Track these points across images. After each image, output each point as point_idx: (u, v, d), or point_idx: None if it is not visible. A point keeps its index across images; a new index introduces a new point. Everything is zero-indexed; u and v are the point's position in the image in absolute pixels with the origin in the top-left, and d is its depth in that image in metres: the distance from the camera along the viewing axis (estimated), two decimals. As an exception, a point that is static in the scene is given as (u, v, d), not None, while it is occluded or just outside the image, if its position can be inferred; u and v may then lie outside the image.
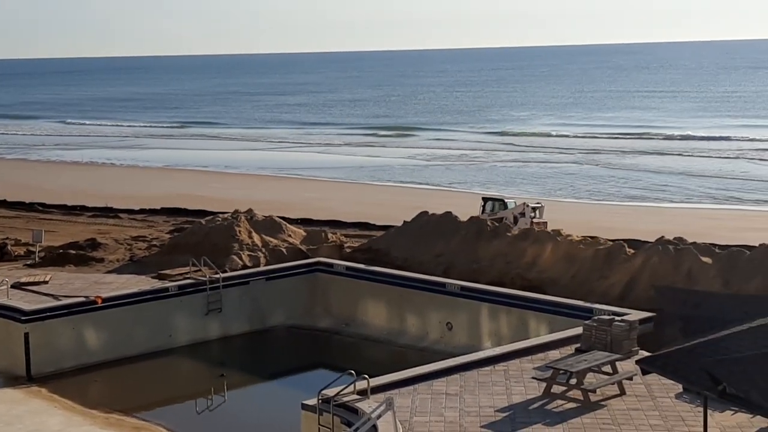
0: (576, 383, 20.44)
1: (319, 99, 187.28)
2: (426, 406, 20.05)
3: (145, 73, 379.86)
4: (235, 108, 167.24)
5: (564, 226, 36.01)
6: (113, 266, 35.56)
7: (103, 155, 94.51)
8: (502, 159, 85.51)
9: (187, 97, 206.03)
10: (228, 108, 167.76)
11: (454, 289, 30.46)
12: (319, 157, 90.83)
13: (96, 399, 26.78)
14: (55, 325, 28.89)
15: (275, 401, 27.98)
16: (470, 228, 35.15)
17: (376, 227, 45.93)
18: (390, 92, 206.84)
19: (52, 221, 50.23)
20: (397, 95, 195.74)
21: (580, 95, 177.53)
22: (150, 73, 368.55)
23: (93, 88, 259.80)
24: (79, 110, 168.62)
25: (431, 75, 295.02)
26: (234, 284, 32.58)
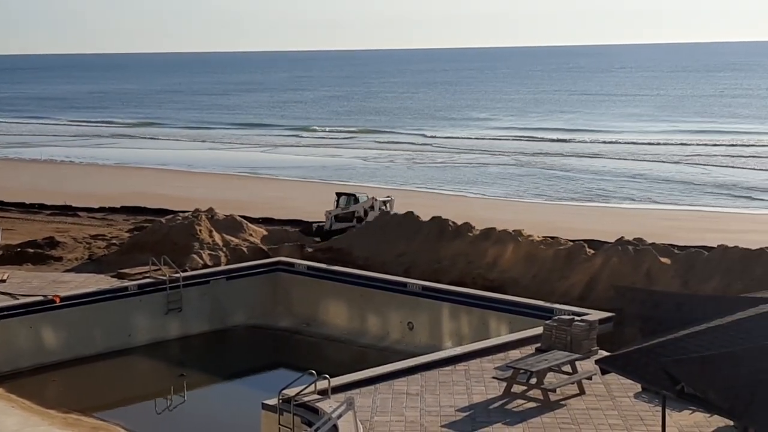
0: (536, 383, 20.53)
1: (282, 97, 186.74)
2: (387, 405, 20.05)
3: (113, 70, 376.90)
4: (198, 106, 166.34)
5: (525, 226, 36.17)
6: (72, 265, 35.25)
7: (62, 153, 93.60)
8: (464, 159, 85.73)
9: (150, 95, 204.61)
10: (191, 106, 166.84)
11: (415, 288, 30.50)
12: (281, 156, 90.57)
13: (54, 399, 26.52)
14: (12, 324, 28.59)
15: (235, 401, 27.83)
16: (432, 228, 35.23)
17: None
18: (352, 91, 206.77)
19: (9, 219, 49.63)
20: (359, 94, 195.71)
21: (541, 96, 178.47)
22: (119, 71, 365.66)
23: (54, 85, 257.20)
24: (38, 107, 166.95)
25: (392, 75, 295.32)
26: (194, 283, 32.39)
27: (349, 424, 17.99)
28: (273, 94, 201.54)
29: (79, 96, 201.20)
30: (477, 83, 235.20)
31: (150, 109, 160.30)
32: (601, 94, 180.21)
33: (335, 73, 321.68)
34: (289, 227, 42.64)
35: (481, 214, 47.05)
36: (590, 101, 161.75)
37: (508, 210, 54.97)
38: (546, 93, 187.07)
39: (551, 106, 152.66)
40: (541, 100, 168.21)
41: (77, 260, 36.04)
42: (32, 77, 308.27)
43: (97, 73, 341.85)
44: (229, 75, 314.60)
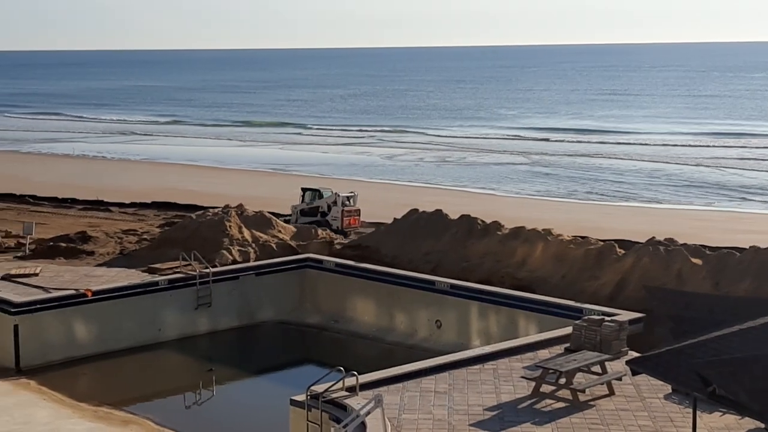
0: (565, 383, 20.48)
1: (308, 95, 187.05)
2: (415, 403, 20.06)
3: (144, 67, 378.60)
4: (227, 103, 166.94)
5: (554, 225, 36.04)
6: (103, 259, 35.47)
7: (93, 148, 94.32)
8: (493, 158, 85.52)
9: (180, 91, 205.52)
10: (220, 102, 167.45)
11: (443, 287, 30.48)
12: (310, 154, 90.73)
13: (84, 392, 26.74)
14: (44, 317, 28.84)
15: (263, 397, 27.96)
16: (460, 226, 35.16)
17: (365, 224, 45.87)
18: (382, 89, 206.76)
19: (42, 214, 50.10)
20: (388, 92, 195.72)
21: (571, 94, 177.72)
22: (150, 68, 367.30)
23: (86, 81, 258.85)
24: (71, 103, 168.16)
25: (423, 73, 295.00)
26: (224, 279, 32.56)
27: (377, 422, 18.01)
28: (302, 91, 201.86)
29: (110, 92, 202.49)
30: (506, 81, 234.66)
31: (180, 105, 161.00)
32: (631, 93, 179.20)
33: (364, 70, 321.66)
34: (318, 224, 42.64)
35: (510, 213, 46.97)
36: (620, 100, 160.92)
37: (538, 209, 54.78)
38: (575, 92, 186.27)
39: (581, 105, 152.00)
40: (571, 99, 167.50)
41: (109, 255, 36.26)
42: (63, 74, 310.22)
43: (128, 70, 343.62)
44: (257, 72, 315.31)
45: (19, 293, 29.48)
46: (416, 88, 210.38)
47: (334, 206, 43.84)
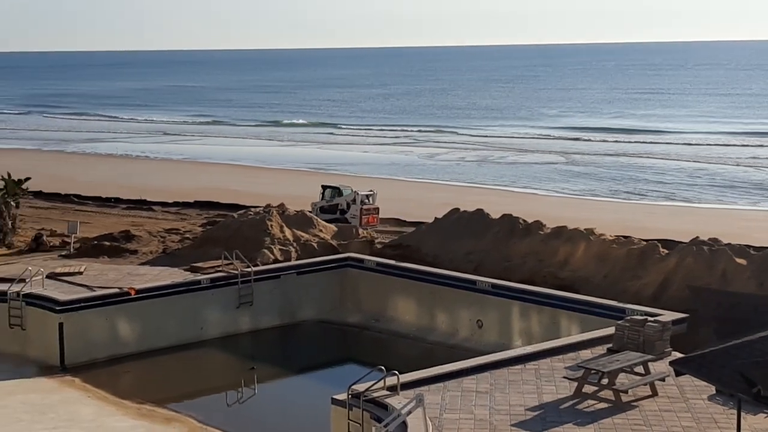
0: (608, 383, 20.35)
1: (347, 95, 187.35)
2: (456, 403, 20.03)
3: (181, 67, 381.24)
4: (267, 103, 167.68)
5: (596, 225, 35.82)
6: (146, 258, 35.77)
7: (137, 148, 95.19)
8: (535, 157, 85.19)
9: (222, 91, 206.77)
10: (261, 102, 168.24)
11: (484, 286, 30.41)
12: (350, 153, 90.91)
13: (128, 390, 26.98)
14: (89, 315, 29.15)
15: (305, 395, 28.04)
16: (502, 225, 35.04)
17: (406, 223, 45.87)
18: (421, 88, 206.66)
19: (87, 213, 50.58)
20: (427, 91, 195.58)
21: (614, 93, 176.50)
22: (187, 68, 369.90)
23: (127, 81, 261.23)
24: (113, 104, 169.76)
25: (462, 71, 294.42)
26: (265, 278, 32.72)
27: (418, 421, 18.02)
28: (341, 91, 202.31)
29: (150, 93, 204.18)
30: (547, 80, 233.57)
31: (219, 106, 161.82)
32: (674, 92, 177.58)
33: (406, 70, 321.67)
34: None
35: (552, 212, 46.76)
36: (663, 99, 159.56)
37: (580, 208, 54.47)
38: (617, 90, 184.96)
39: (623, 104, 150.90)
40: (613, 97, 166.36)
41: (152, 254, 36.55)
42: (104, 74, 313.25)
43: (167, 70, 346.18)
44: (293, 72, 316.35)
45: (64, 291, 29.82)
46: (456, 87, 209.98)
47: (353, 204, 44.41)
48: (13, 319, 29.17)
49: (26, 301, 29.19)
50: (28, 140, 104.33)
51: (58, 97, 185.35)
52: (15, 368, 28.18)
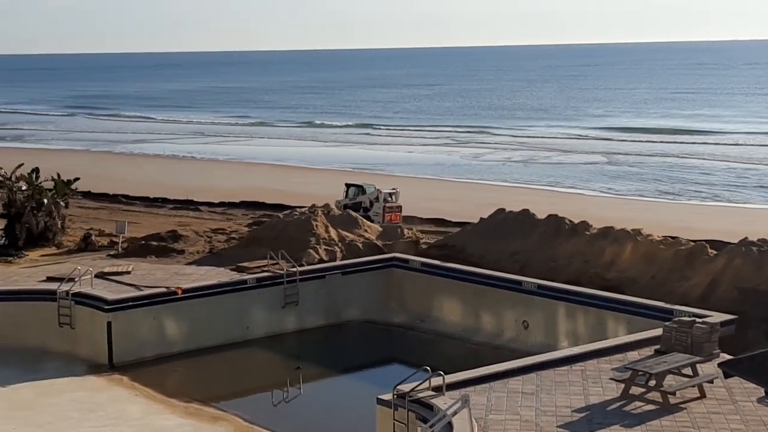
0: (655, 385, 20.18)
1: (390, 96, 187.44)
2: (502, 404, 19.97)
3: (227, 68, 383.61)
4: (311, 104, 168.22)
5: (643, 225, 35.52)
6: (193, 258, 36.06)
7: (183, 149, 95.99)
8: (580, 157, 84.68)
9: (265, 92, 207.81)
10: (305, 104, 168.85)
11: (530, 287, 30.28)
12: (393, 153, 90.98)
13: (175, 388, 27.19)
14: (136, 314, 29.43)
15: (350, 395, 28.10)
16: (548, 226, 34.87)
17: (451, 224, 45.88)
18: (468, 88, 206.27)
19: (134, 213, 51.15)
20: (471, 91, 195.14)
21: (660, 93, 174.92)
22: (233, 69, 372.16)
23: (173, 82, 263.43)
24: (157, 105, 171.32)
25: (506, 71, 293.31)
26: (310, 278, 32.82)
27: (464, 422, 17.99)
28: (388, 91, 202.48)
29: (196, 94, 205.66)
30: (593, 80, 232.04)
31: (265, 107, 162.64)
32: (722, 92, 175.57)
33: (449, 70, 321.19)
34: (404, 223, 42.71)
35: (599, 213, 46.48)
36: (710, 99, 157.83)
37: (626, 208, 54.10)
38: (665, 90, 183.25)
39: (670, 104, 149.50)
40: (660, 97, 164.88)
41: (198, 253, 36.85)
42: (151, 76, 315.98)
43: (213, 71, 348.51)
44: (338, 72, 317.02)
45: (113, 291, 30.15)
46: (500, 87, 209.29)
47: (376, 202, 45.07)
48: (62, 318, 29.54)
49: (75, 301, 29.53)
50: (76, 141, 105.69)
51: (100, 99, 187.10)
52: (64, 366, 28.52)
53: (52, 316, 29.60)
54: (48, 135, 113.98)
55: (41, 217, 39.47)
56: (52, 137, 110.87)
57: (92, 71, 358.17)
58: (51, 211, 39.82)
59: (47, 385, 26.95)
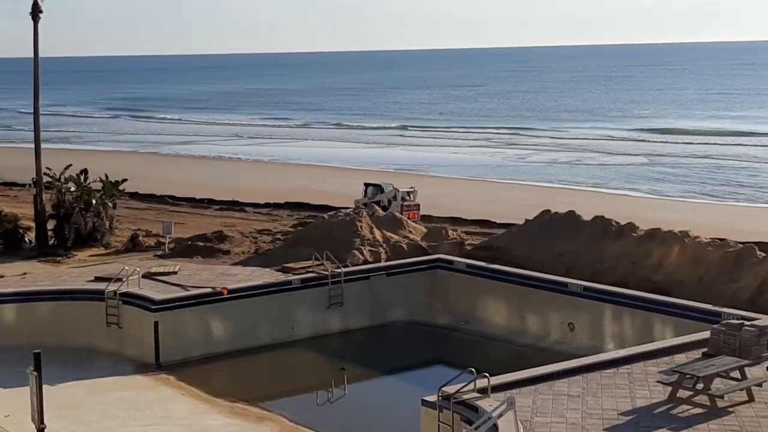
0: (703, 388, 19.97)
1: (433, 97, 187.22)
2: (547, 406, 19.87)
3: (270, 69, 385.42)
4: (354, 106, 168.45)
5: (691, 227, 35.16)
6: (239, 258, 36.27)
7: (229, 150, 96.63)
8: (626, 158, 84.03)
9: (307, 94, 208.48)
10: (348, 106, 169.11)
11: (576, 289, 30.10)
12: (438, 154, 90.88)
13: (221, 388, 27.35)
14: (183, 314, 29.65)
15: (395, 396, 28.10)
16: (594, 227, 34.63)
17: (496, 225, 45.75)
18: (514, 89, 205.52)
19: (181, 213, 51.57)
20: (517, 92, 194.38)
21: (707, 94, 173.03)
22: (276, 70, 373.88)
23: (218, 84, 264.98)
24: (202, 106, 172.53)
25: (554, 72, 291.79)
26: (355, 279, 32.88)
27: (509, 424, 17.92)
28: (431, 92, 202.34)
29: (240, 95, 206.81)
30: (641, 80, 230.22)
31: (308, 108, 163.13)
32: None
33: (495, 71, 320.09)
34: (448, 225, 42.67)
35: (645, 214, 46.09)
36: (760, 100, 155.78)
37: (674, 210, 53.61)
38: (712, 91, 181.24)
39: (718, 105, 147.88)
40: (708, 98, 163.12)
41: (244, 254, 37.06)
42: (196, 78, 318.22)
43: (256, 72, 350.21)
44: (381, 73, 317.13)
45: (159, 291, 30.41)
46: (546, 88, 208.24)
47: (394, 201, 45.99)
48: (110, 318, 29.85)
49: (123, 300, 29.83)
50: (123, 143, 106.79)
51: (143, 101, 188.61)
52: (112, 365, 28.81)
53: (100, 315, 29.94)
54: (94, 137, 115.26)
55: (89, 217, 39.91)
56: (99, 139, 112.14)
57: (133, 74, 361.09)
58: (99, 212, 40.26)
59: (95, 383, 27.25)
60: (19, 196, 57.07)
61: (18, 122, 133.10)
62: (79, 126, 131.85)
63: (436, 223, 44.17)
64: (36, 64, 40.79)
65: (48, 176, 40.89)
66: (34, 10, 40.43)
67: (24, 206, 48.97)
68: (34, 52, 40.60)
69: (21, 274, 33.81)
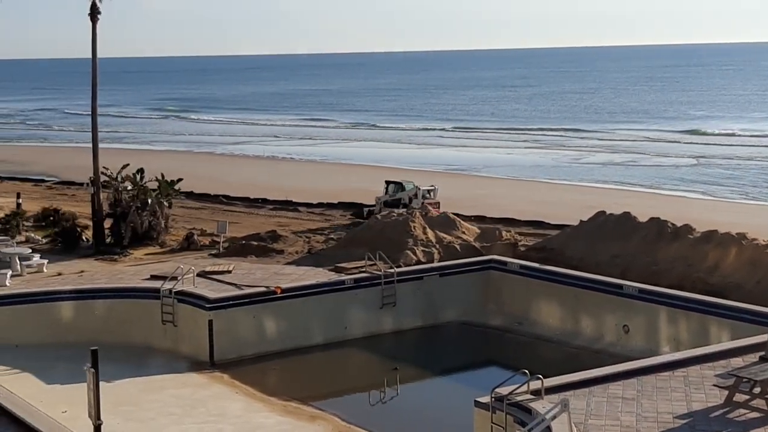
0: (760, 392, 19.67)
1: (490, 97, 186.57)
2: (602, 409, 19.71)
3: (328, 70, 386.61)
4: (412, 106, 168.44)
5: (748, 229, 34.64)
6: (292, 258, 36.46)
7: (282, 150, 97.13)
8: (681, 160, 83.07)
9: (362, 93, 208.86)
10: (406, 105, 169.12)
11: (631, 291, 29.82)
12: (493, 155, 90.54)
13: (274, 387, 27.51)
14: (237, 313, 29.87)
15: (447, 397, 28.06)
16: (650, 229, 34.30)
17: (550, 226, 45.44)
18: (570, 89, 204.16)
19: (235, 213, 51.92)
20: (572, 92, 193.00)
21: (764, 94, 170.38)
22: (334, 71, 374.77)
23: (271, 85, 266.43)
24: (260, 106, 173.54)
25: (611, 72, 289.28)
26: (408, 279, 32.88)
27: (563, 426, 17.80)
28: (487, 92, 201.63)
29: (294, 96, 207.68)
30: (697, 80, 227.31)
31: (362, 108, 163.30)
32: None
33: (550, 70, 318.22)
34: (501, 226, 42.51)
35: (702, 216, 45.52)
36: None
37: (731, 212, 52.87)
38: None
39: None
40: (766, 99, 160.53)
41: (297, 253, 37.24)
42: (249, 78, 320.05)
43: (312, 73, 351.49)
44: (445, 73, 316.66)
45: (214, 290, 30.66)
46: (602, 88, 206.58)
47: (415, 198, 46.73)
48: (165, 316, 30.16)
49: (178, 299, 30.12)
50: (177, 143, 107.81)
51: (191, 102, 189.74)
52: (167, 363, 29.11)
53: (155, 313, 30.28)
54: (147, 137, 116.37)
55: (146, 216, 40.37)
56: (153, 139, 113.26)
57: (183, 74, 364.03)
58: (155, 211, 40.71)
59: (151, 381, 27.57)
60: (77, 195, 57.92)
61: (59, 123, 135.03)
62: (128, 126, 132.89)
63: (490, 224, 44.04)
64: (94, 65, 41.36)
65: (105, 175, 41.43)
66: (93, 12, 40.97)
67: (82, 205, 49.73)
68: (92, 53, 41.18)
69: (78, 272, 34.31)
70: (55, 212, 44.19)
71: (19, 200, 48.37)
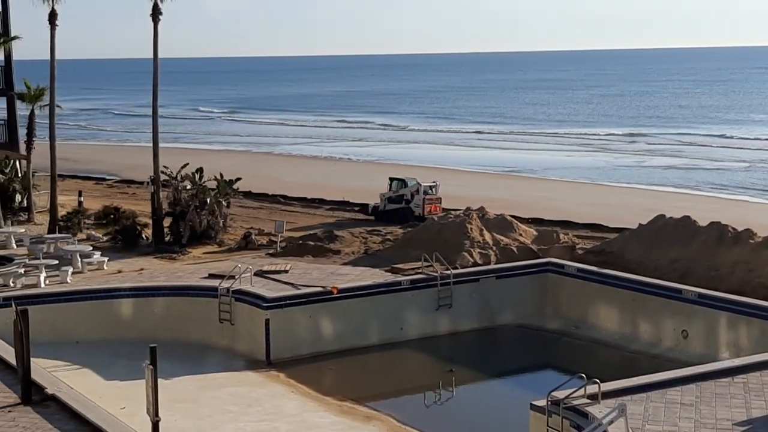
0: (823, 401, 19.33)
1: (547, 99, 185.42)
2: (659, 415, 19.49)
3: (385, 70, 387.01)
4: (465, 105, 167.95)
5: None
6: (349, 258, 36.56)
7: (340, 151, 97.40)
8: (741, 164, 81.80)
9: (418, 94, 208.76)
10: (457, 106, 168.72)
11: (691, 296, 29.45)
12: (551, 157, 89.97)
13: (330, 386, 27.62)
14: (293, 312, 30.02)
15: (503, 399, 27.97)
16: (710, 233, 33.85)
17: (609, 229, 44.97)
18: (627, 90, 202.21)
19: (292, 213, 52.12)
20: (633, 94, 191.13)
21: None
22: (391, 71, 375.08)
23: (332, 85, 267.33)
24: (318, 106, 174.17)
25: (670, 74, 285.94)
26: (464, 281, 32.80)
27: (620, 431, 17.64)
28: (544, 94, 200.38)
29: (352, 96, 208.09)
30: (761, 82, 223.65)
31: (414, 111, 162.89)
32: None
33: (611, 71, 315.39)
34: (559, 228, 42.21)
35: (763, 220, 44.76)
36: None
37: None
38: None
39: None
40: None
41: (354, 254, 37.33)
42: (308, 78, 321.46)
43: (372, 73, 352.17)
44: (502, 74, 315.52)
45: (271, 289, 30.86)
46: (662, 90, 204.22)
47: (417, 195, 47.87)
48: (223, 314, 30.42)
49: (235, 297, 30.37)
50: (235, 143, 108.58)
51: (270, 100, 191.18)
52: (224, 361, 29.37)
53: (213, 311, 30.56)
54: (204, 137, 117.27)
55: (204, 215, 40.76)
56: (211, 139, 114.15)
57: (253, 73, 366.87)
58: (214, 210, 41.08)
59: (208, 378, 27.82)
60: (138, 194, 58.61)
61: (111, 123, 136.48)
62: (185, 126, 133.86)
63: (548, 226, 43.74)
64: (155, 66, 41.82)
65: (165, 174, 41.90)
66: (155, 12, 41.45)
67: (141, 203, 50.34)
68: (154, 53, 41.63)
69: (138, 269, 34.76)
70: (116, 210, 44.85)
71: (81, 198, 49.11)
